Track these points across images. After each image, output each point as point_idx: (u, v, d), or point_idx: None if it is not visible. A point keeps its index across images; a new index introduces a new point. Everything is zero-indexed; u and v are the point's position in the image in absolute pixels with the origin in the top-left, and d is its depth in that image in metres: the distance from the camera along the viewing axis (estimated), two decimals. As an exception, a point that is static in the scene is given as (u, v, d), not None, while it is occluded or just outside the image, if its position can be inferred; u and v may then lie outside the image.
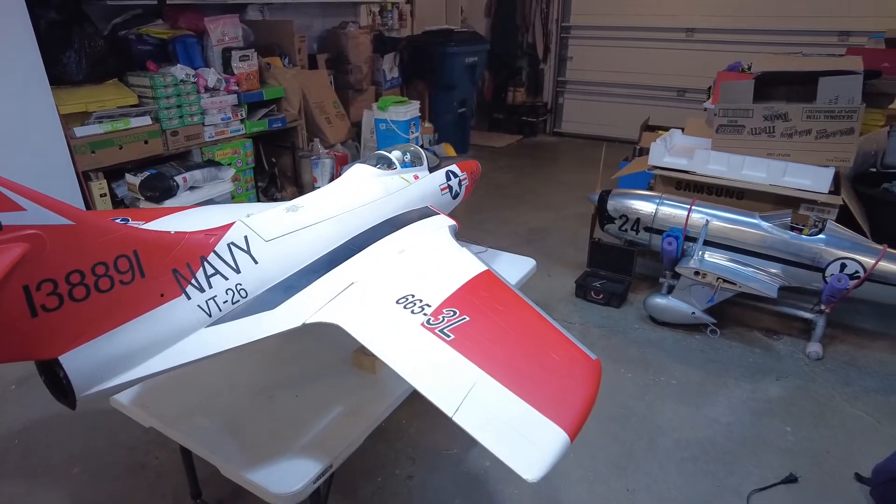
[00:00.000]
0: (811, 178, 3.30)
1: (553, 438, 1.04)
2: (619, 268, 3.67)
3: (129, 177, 3.53)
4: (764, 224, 3.15)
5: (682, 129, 4.25)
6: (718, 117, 3.58)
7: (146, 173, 3.48)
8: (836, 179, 3.31)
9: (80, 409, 2.10)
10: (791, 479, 2.27)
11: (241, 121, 4.13)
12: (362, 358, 1.84)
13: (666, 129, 4.70)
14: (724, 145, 3.58)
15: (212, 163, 3.80)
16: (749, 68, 4.31)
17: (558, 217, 5.06)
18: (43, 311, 1.15)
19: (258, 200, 4.41)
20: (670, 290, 3.33)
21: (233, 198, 3.91)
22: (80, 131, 3.26)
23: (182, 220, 1.83)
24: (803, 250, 3.02)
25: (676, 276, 3.26)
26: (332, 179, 4.82)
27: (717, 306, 3.18)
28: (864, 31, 5.63)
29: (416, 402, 1.73)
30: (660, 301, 3.32)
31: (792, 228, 3.11)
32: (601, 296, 3.54)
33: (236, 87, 4.09)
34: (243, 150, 4.16)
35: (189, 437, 1.61)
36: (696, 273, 3.11)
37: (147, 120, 3.58)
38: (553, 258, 4.17)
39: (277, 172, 4.66)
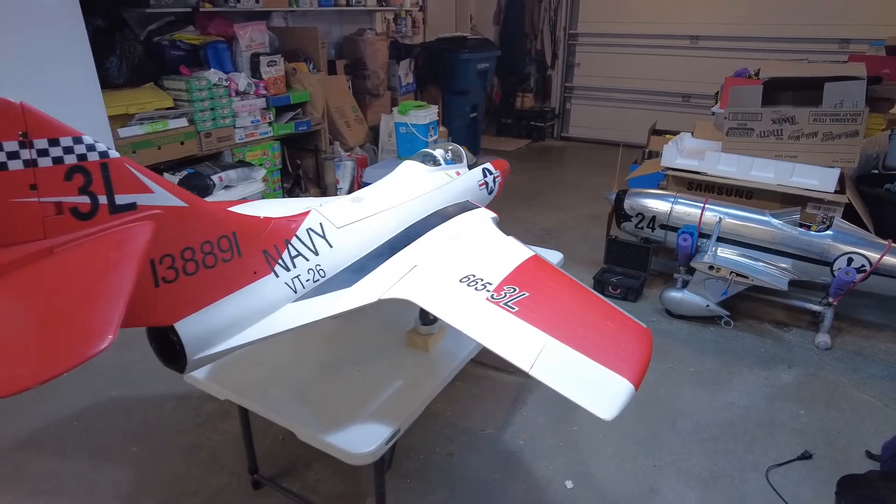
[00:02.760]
0: (818, 179, 3.47)
1: (620, 386, 1.20)
2: (635, 264, 3.83)
3: (167, 176, 3.69)
4: (774, 221, 3.32)
5: (692, 133, 4.43)
6: (728, 121, 3.74)
7: (184, 172, 3.64)
8: (841, 180, 3.48)
9: (131, 394, 2.26)
10: (806, 456, 2.43)
11: (269, 123, 4.30)
12: (416, 337, 2.00)
13: (672, 132, 4.89)
14: (734, 147, 3.75)
15: (244, 163, 3.96)
16: (756, 74, 4.50)
17: (569, 217, 5.23)
18: (163, 282, 1.31)
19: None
20: (685, 284, 3.50)
21: (262, 197, 4.06)
22: (123, 132, 3.42)
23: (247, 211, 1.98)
24: (812, 246, 3.19)
25: (691, 271, 3.43)
26: (352, 181, 4.99)
27: (728, 300, 3.35)
28: (864, 38, 5.83)
29: (450, 388, 1.90)
30: (675, 295, 3.48)
31: (800, 226, 3.28)
32: (618, 290, 3.71)
33: (265, 92, 4.26)
34: (272, 152, 4.32)
35: (265, 407, 1.75)
36: (711, 267, 3.27)
37: (184, 122, 3.74)
38: (568, 256, 4.29)
39: (301, 174, 4.83)
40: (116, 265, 1.07)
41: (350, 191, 4.94)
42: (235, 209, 2.03)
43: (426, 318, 2.00)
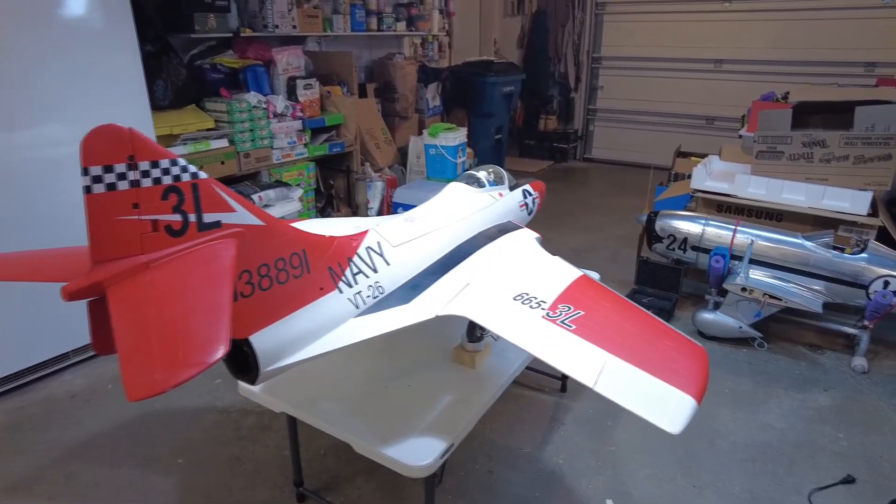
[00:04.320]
0: (849, 201, 3.48)
1: (684, 401, 1.25)
2: (666, 285, 3.85)
3: (207, 195, 3.79)
4: (808, 244, 3.33)
5: (719, 155, 4.46)
6: (758, 144, 3.77)
7: (225, 192, 3.74)
8: (873, 203, 3.49)
9: (174, 407, 2.33)
10: (849, 480, 2.42)
11: (305, 145, 4.42)
12: (463, 354, 2.05)
13: (697, 155, 4.93)
14: (763, 170, 3.77)
15: (281, 183, 4.07)
16: (784, 98, 4.54)
17: (597, 238, 5.27)
18: (241, 297, 1.37)
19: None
20: (716, 306, 3.51)
21: (298, 216, 4.16)
22: (168, 153, 3.54)
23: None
24: (846, 268, 3.20)
25: (723, 292, 3.45)
26: (382, 201, 5.09)
27: (760, 322, 3.35)
28: (891, 62, 5.86)
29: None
30: (708, 316, 3.49)
31: (834, 248, 3.29)
32: (650, 311, 3.71)
33: (301, 114, 4.38)
34: (307, 172, 4.44)
35: (320, 419, 1.81)
36: (744, 289, 3.29)
37: (225, 142, 3.86)
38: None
39: (333, 193, 4.93)
40: (211, 279, 1.15)
41: (380, 210, 5.03)
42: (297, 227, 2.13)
43: (473, 336, 2.06)
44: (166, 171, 1.20)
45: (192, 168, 1.25)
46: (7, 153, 2.74)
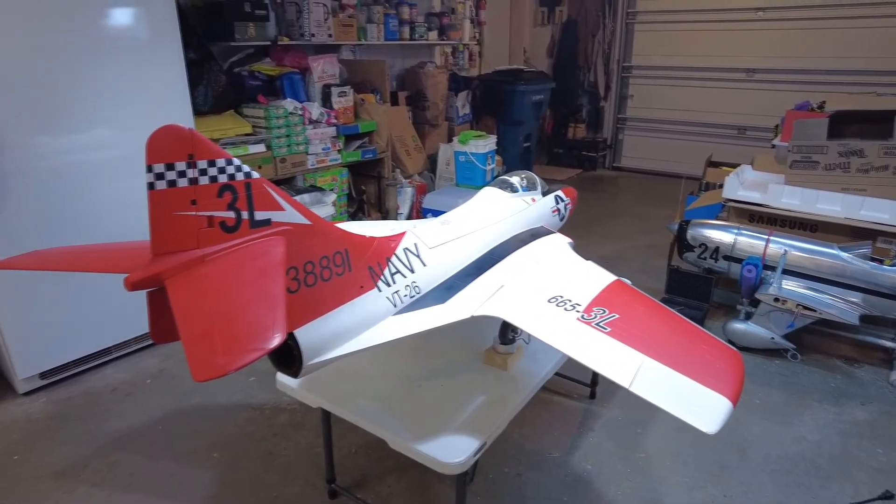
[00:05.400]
0: (889, 212, 3.42)
1: (720, 402, 1.26)
2: (697, 295, 3.82)
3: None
4: (844, 255, 3.28)
5: (751, 165, 4.42)
6: (792, 154, 3.74)
7: (261, 195, 3.84)
8: (914, 214, 3.42)
9: (210, 403, 2.37)
10: (888, 496, 2.37)
11: (339, 151, 4.51)
12: (495, 356, 2.08)
13: (728, 165, 4.89)
14: (798, 180, 3.73)
15: (315, 188, 4.16)
16: (820, 107, 4.48)
17: (626, 247, 5.25)
18: (287, 292, 1.43)
19: (349, 223, 4.74)
20: (748, 316, 3.47)
21: (332, 220, 4.24)
22: (208, 157, 3.65)
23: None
24: (886, 280, 3.14)
25: (755, 303, 3.41)
26: (411, 206, 5.15)
27: (793, 333, 3.30)
28: (930, 71, 5.74)
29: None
30: (740, 326, 3.45)
31: (872, 259, 3.23)
32: (680, 320, 3.70)
33: (335, 121, 4.48)
34: (340, 178, 4.52)
35: (356, 415, 1.85)
36: (776, 300, 3.25)
37: (262, 147, 3.97)
38: (626, 285, 4.34)
39: (364, 199, 5.02)
40: (264, 273, 1.20)
41: (409, 216, 5.10)
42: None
43: (505, 338, 2.08)
44: (222, 170, 1.26)
45: (246, 168, 1.31)
46: (61, 155, 2.87)
